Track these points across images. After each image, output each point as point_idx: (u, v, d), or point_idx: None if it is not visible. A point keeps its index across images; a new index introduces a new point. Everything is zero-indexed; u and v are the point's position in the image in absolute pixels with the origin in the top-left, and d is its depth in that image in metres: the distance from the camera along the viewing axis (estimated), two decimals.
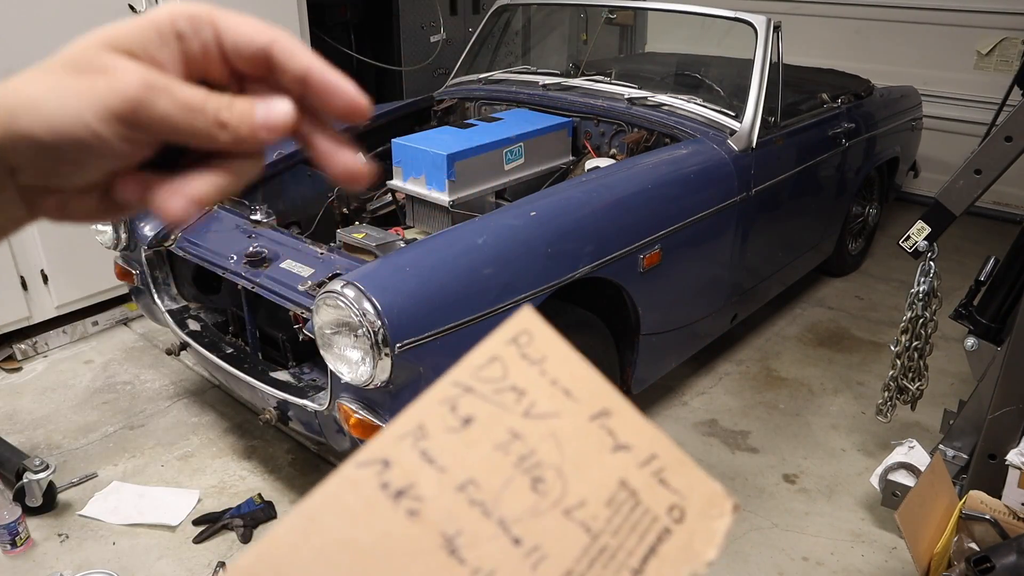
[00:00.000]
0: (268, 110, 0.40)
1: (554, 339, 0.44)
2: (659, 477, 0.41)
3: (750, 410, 2.85)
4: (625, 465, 0.40)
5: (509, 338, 0.43)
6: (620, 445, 0.41)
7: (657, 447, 0.42)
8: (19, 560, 2.17)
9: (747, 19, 2.77)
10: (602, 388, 0.43)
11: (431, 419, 0.38)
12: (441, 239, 1.96)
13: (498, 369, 0.41)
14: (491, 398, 0.40)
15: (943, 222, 2.08)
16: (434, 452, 0.37)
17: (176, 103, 0.37)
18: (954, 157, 4.41)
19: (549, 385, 0.41)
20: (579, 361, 0.43)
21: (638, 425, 0.42)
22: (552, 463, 0.38)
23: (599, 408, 0.42)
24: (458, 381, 0.40)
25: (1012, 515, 1.71)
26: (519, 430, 0.39)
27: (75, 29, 1.99)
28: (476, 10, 4.74)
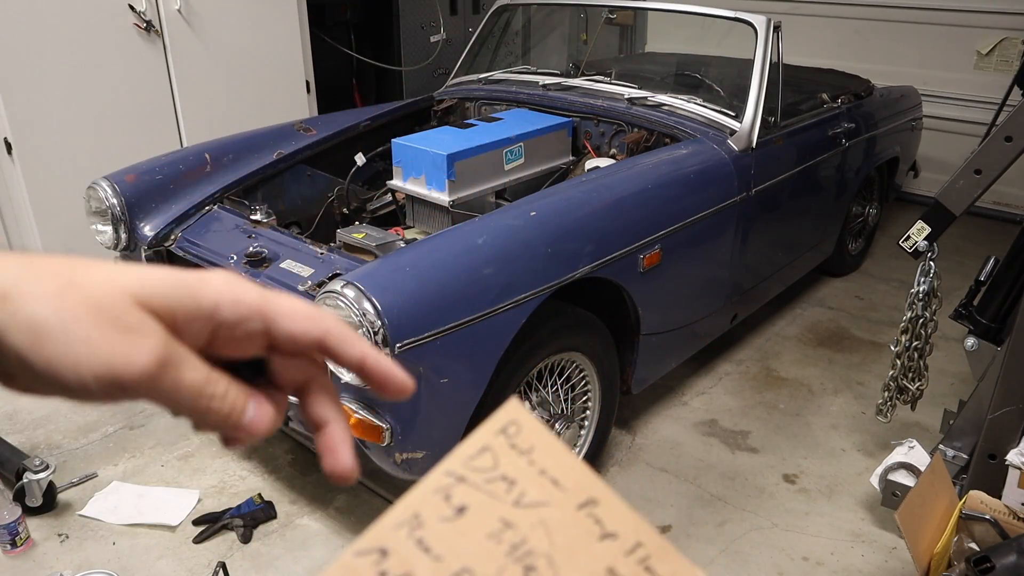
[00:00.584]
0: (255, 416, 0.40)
1: (541, 430, 0.45)
2: (645, 564, 0.41)
3: (750, 410, 2.85)
4: (612, 553, 0.41)
5: (498, 428, 0.44)
6: (607, 533, 0.42)
7: (642, 535, 0.43)
8: (19, 560, 2.17)
9: (747, 19, 2.77)
10: (588, 477, 0.44)
11: (426, 508, 0.39)
12: (441, 239, 1.96)
13: (489, 459, 0.42)
14: (483, 487, 0.41)
15: (943, 222, 2.08)
16: (430, 541, 0.38)
17: (177, 385, 0.36)
18: (954, 157, 4.41)
19: (538, 475, 0.42)
20: (565, 451, 0.45)
21: (623, 513, 0.43)
22: (543, 551, 0.39)
23: (586, 497, 0.43)
24: (451, 471, 0.41)
25: (1012, 515, 1.71)
26: (510, 519, 0.40)
27: (75, 29, 2.00)
28: (476, 10, 4.74)
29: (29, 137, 2.91)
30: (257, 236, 2.33)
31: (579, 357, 2.28)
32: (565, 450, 0.44)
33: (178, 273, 0.38)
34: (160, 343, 0.35)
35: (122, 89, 3.13)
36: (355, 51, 4.39)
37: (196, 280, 0.38)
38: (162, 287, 0.37)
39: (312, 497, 2.41)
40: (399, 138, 2.66)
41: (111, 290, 0.35)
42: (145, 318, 0.36)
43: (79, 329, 0.34)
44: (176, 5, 3.20)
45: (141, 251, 2.45)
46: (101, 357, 0.34)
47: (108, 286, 0.35)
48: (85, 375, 0.34)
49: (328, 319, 0.42)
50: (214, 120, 3.43)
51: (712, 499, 2.41)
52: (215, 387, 0.38)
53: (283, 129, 2.88)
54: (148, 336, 0.35)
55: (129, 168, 2.56)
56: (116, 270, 0.37)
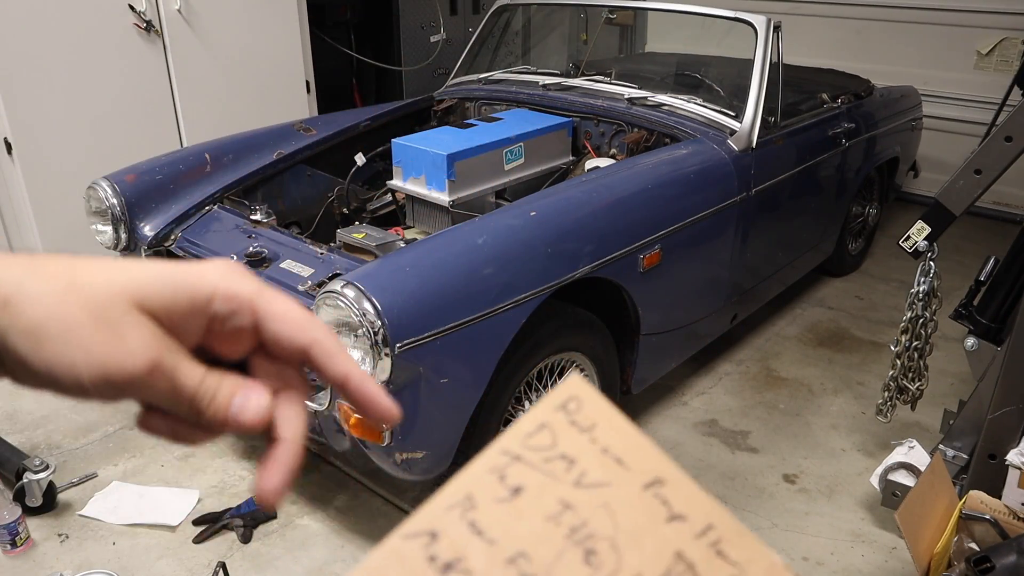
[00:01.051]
0: (241, 406, 0.40)
1: (604, 406, 0.43)
2: (716, 548, 0.39)
3: (750, 410, 2.85)
4: (681, 536, 0.39)
5: (558, 405, 0.42)
6: (675, 515, 0.39)
7: (714, 517, 0.40)
8: (19, 560, 2.17)
9: (747, 19, 2.77)
10: (654, 456, 0.42)
11: (480, 489, 0.37)
12: (441, 239, 1.96)
13: (547, 437, 0.40)
14: (541, 467, 0.39)
15: (943, 222, 2.08)
16: (483, 523, 0.36)
17: (170, 386, 0.37)
18: (954, 157, 4.41)
19: (600, 453, 0.40)
20: (630, 428, 0.42)
21: (693, 494, 0.41)
22: (605, 534, 0.37)
23: (652, 477, 0.40)
24: (507, 449, 0.39)
25: (1012, 515, 1.71)
26: (570, 500, 0.38)
27: (75, 29, 2.00)
28: (476, 10, 4.74)
29: (29, 137, 2.91)
30: (257, 236, 2.33)
31: (579, 357, 2.28)
32: (630, 427, 0.42)
33: (176, 269, 0.38)
34: (152, 347, 0.36)
35: (122, 89, 3.13)
36: (355, 51, 4.39)
37: (195, 275, 0.39)
38: (159, 287, 0.37)
39: (312, 497, 2.41)
40: (399, 138, 2.66)
41: (110, 292, 0.36)
42: (141, 321, 0.36)
43: (77, 333, 0.35)
44: (176, 5, 3.19)
45: (141, 251, 2.45)
46: (96, 360, 0.35)
47: (107, 288, 0.36)
48: (82, 377, 0.35)
49: (319, 329, 0.41)
50: (214, 120, 3.43)
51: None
52: (207, 387, 0.39)
53: (283, 129, 2.88)
54: (142, 339, 0.36)
55: (129, 168, 2.56)
56: (116, 269, 0.37)
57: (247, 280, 0.40)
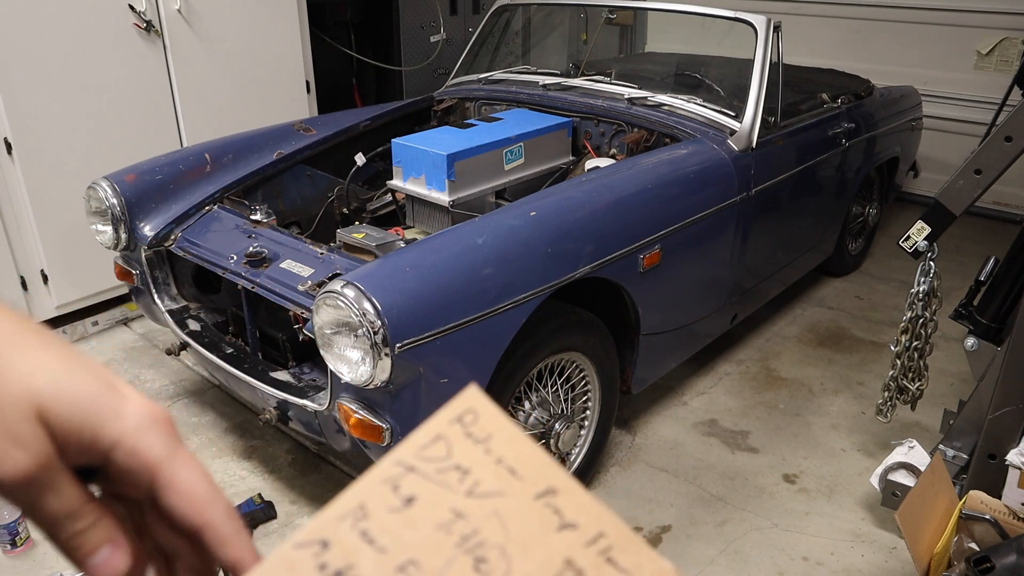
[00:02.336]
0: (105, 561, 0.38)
1: (499, 418, 0.43)
2: (607, 556, 0.40)
3: (750, 410, 2.85)
4: (571, 544, 0.39)
5: (454, 417, 0.43)
6: (566, 524, 0.40)
7: (605, 525, 0.41)
8: (19, 560, 2.17)
9: (747, 19, 2.77)
10: (548, 466, 0.42)
11: (372, 499, 0.38)
12: (441, 239, 1.96)
13: (442, 448, 0.41)
14: (434, 477, 0.39)
15: (943, 222, 2.08)
16: (374, 532, 0.36)
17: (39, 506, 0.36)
18: (954, 157, 4.41)
19: (494, 464, 0.41)
20: (525, 440, 0.43)
21: (585, 503, 0.42)
22: (496, 543, 0.38)
23: (545, 487, 0.41)
24: (401, 460, 0.40)
25: (1012, 515, 1.71)
26: (462, 509, 0.39)
27: (75, 29, 2.00)
28: (476, 10, 4.74)
29: (29, 137, 2.91)
30: (257, 236, 2.33)
31: (579, 357, 2.28)
32: (524, 439, 0.43)
33: (95, 397, 0.37)
34: (33, 462, 0.35)
35: (122, 89, 3.13)
36: (355, 51, 4.39)
37: (110, 410, 0.37)
38: (67, 411, 0.36)
39: (312, 497, 2.41)
40: (399, 138, 2.66)
41: (19, 394, 0.35)
42: (36, 432, 0.36)
43: None
44: (176, 5, 3.19)
45: (141, 251, 2.45)
46: None
47: (18, 388, 0.35)
48: None
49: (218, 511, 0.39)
50: (214, 120, 3.43)
51: (712, 499, 2.41)
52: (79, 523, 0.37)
53: (283, 129, 2.88)
54: (27, 451, 0.35)
55: (129, 168, 2.56)
56: (40, 367, 0.36)
57: (160, 441, 0.38)
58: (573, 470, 2.37)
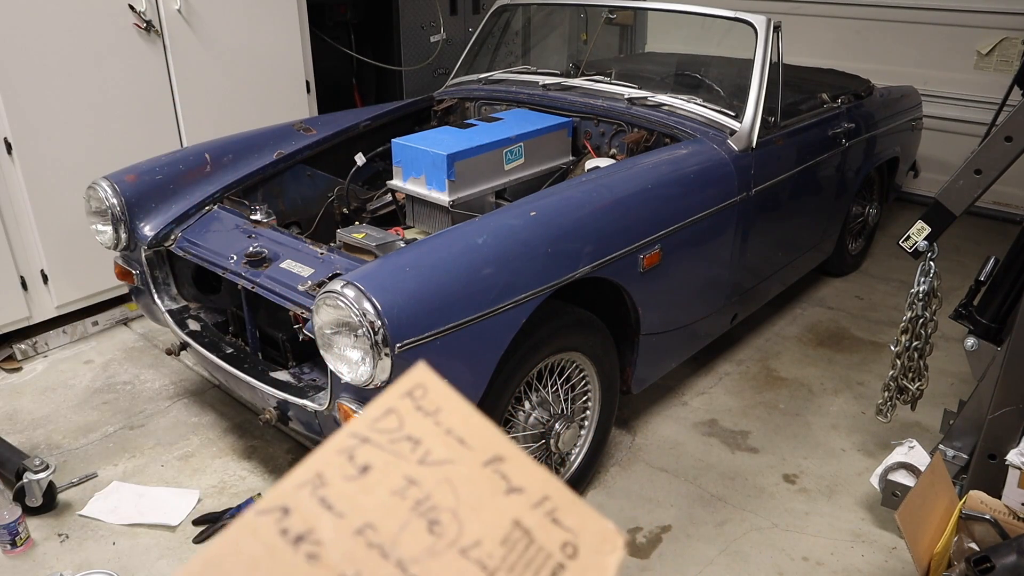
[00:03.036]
0: None
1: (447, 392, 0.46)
2: (552, 517, 0.42)
3: (750, 410, 2.85)
4: (519, 506, 0.42)
5: (404, 392, 0.45)
6: (513, 488, 0.43)
7: (549, 489, 0.44)
8: (19, 560, 2.17)
9: (747, 19, 2.77)
10: (495, 436, 0.45)
11: (329, 468, 0.40)
12: (441, 239, 1.96)
13: (394, 420, 0.43)
14: (387, 447, 0.41)
15: (943, 222, 2.08)
16: (332, 499, 0.38)
17: None
18: (954, 157, 4.41)
19: (443, 434, 0.43)
20: (472, 412, 0.45)
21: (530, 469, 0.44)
22: (448, 506, 0.40)
23: (492, 454, 0.44)
24: (355, 432, 0.42)
25: (1012, 515, 1.71)
26: (415, 476, 0.41)
27: (75, 29, 2.01)
28: (476, 10, 4.74)
29: (29, 137, 2.91)
30: (257, 236, 2.33)
31: (579, 357, 2.28)
32: (472, 411, 0.45)
33: None
34: None
35: (122, 89, 3.13)
36: (355, 51, 4.39)
37: None
38: None
39: None
40: (399, 138, 2.66)
41: None
42: None
43: None
44: (176, 5, 3.20)
45: (141, 251, 2.45)
46: None
47: None
48: None
49: None
50: (214, 120, 3.43)
51: (712, 499, 2.41)
52: None
53: (283, 129, 2.88)
54: None
55: (129, 168, 2.56)
56: None
57: None
58: (573, 470, 2.37)
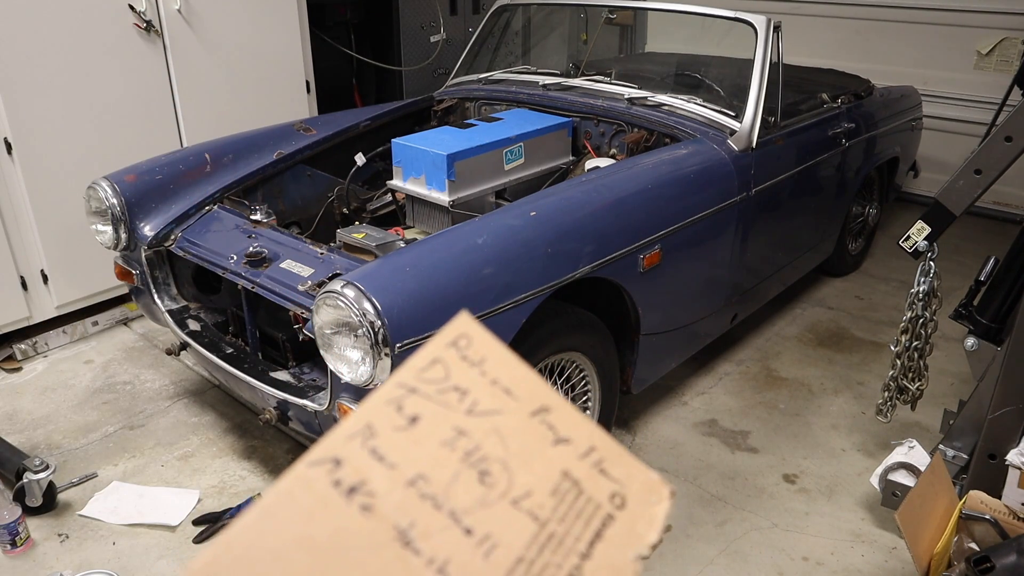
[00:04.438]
0: None
1: (492, 342, 0.45)
2: (600, 467, 0.42)
3: (750, 410, 2.85)
4: (567, 457, 0.42)
5: (449, 341, 0.45)
6: (561, 439, 0.43)
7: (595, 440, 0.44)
8: (19, 560, 2.17)
9: (747, 19, 2.77)
10: (540, 387, 0.45)
11: (379, 419, 0.39)
12: (441, 239, 1.96)
13: (440, 371, 0.43)
14: (435, 398, 0.41)
15: (943, 222, 2.08)
16: (383, 450, 0.38)
17: None
18: (954, 157, 4.41)
19: (490, 385, 0.43)
20: (517, 362, 0.45)
21: (576, 420, 0.44)
22: (497, 457, 0.40)
23: (538, 405, 0.43)
24: (403, 383, 0.42)
25: (1012, 515, 1.71)
26: (464, 427, 0.41)
27: (75, 29, 2.01)
28: (476, 10, 4.74)
29: (29, 137, 2.91)
30: (257, 236, 2.33)
31: (579, 357, 2.28)
32: (516, 361, 0.45)
33: None
34: None
35: (122, 89, 3.13)
36: (355, 51, 4.39)
37: None
38: None
39: None
40: (399, 138, 2.66)
41: None
42: None
43: None
44: (176, 5, 3.19)
45: (141, 251, 2.45)
46: None
47: None
48: None
49: None
50: (214, 120, 3.43)
51: (712, 499, 2.41)
52: None
53: (283, 129, 2.88)
54: None
55: (129, 168, 2.56)
56: None
57: None
58: None
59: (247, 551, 0.33)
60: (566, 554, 0.38)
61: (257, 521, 0.34)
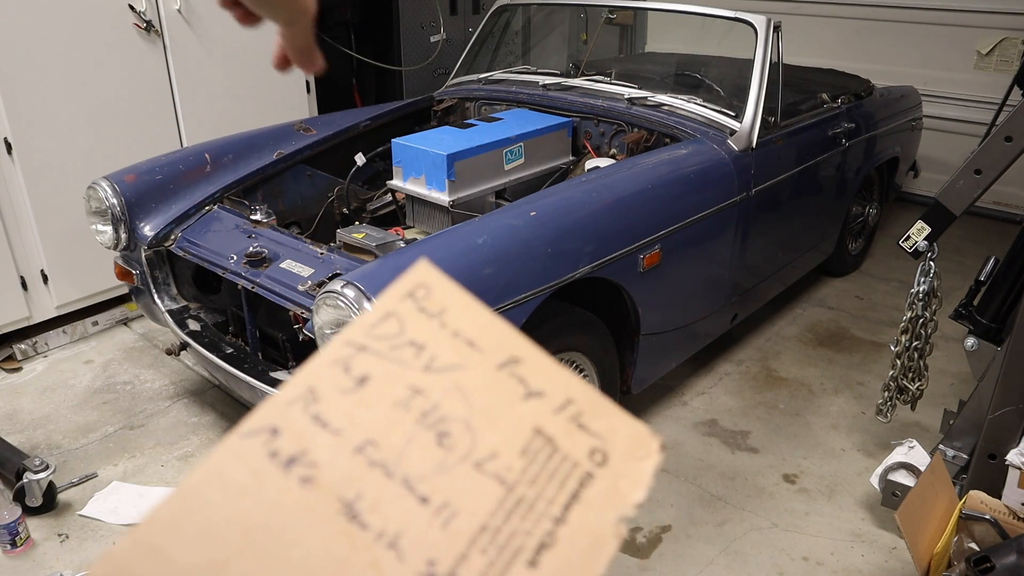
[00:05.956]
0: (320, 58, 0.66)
1: (453, 290, 0.42)
2: (577, 422, 0.38)
3: (750, 410, 2.85)
4: (539, 412, 0.38)
5: (404, 293, 0.41)
6: (532, 392, 0.38)
7: (573, 391, 0.39)
8: (19, 560, 2.17)
9: (747, 19, 2.77)
10: (509, 336, 0.40)
11: (322, 382, 0.36)
12: (441, 239, 1.96)
13: (394, 325, 0.39)
14: (387, 355, 0.37)
15: (943, 222, 2.08)
16: (327, 415, 0.34)
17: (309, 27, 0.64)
18: (954, 157, 4.41)
19: (451, 337, 0.39)
20: (482, 310, 0.41)
21: (551, 371, 0.40)
22: (458, 416, 0.36)
23: (507, 356, 0.39)
24: (351, 340, 0.38)
25: (1012, 515, 1.71)
26: (420, 385, 0.37)
27: (75, 29, 2.01)
28: (476, 10, 4.74)
29: (29, 137, 2.91)
30: (257, 236, 2.33)
31: (579, 357, 2.28)
32: (482, 309, 0.41)
33: None
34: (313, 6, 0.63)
35: (122, 89, 3.13)
36: (355, 51, 4.38)
37: None
38: None
39: None
40: (399, 138, 2.66)
41: None
42: None
43: None
44: (176, 5, 3.19)
45: (141, 251, 2.45)
46: None
47: None
48: None
49: None
50: (214, 120, 3.43)
51: (712, 499, 2.41)
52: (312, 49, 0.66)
53: (283, 129, 2.88)
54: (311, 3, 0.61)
55: (129, 168, 2.56)
56: None
57: None
58: None
59: (170, 533, 0.30)
60: (537, 519, 0.34)
61: (181, 501, 0.31)
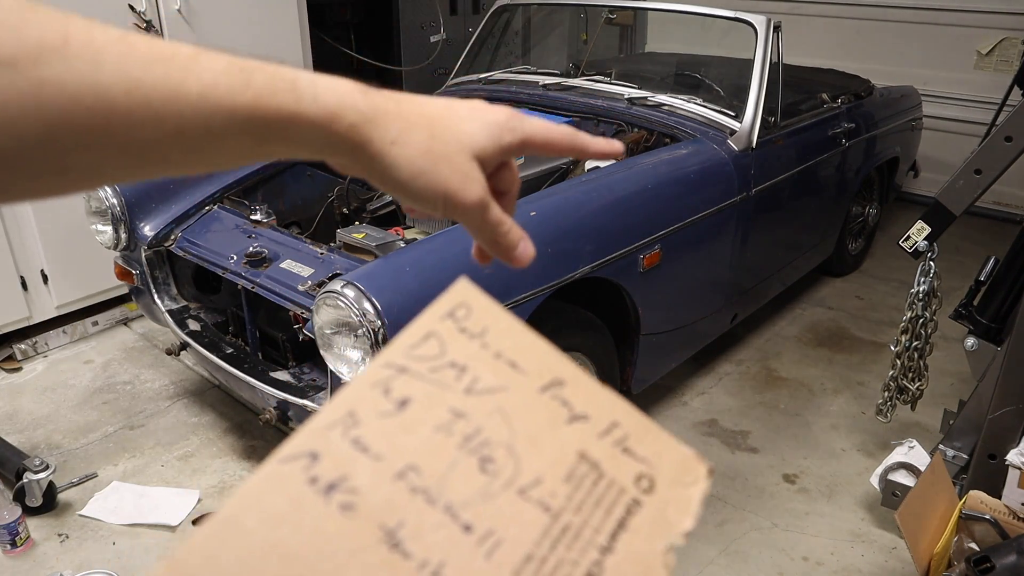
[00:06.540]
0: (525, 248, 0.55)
1: (495, 310, 0.40)
2: (623, 446, 0.38)
3: (750, 410, 2.85)
4: (583, 436, 0.37)
5: (445, 312, 0.39)
6: (576, 416, 0.38)
7: (618, 414, 0.39)
8: (19, 560, 2.17)
9: (747, 19, 2.77)
10: (552, 357, 0.39)
11: (362, 405, 0.34)
12: (441, 239, 1.96)
13: (435, 346, 0.38)
14: (428, 377, 0.36)
15: (943, 222, 2.08)
16: (367, 440, 0.33)
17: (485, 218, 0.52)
18: (954, 157, 4.41)
19: (492, 359, 0.38)
20: (524, 331, 0.40)
21: (595, 393, 0.39)
22: (501, 441, 0.35)
23: (550, 379, 0.38)
24: (390, 362, 0.36)
25: (1012, 515, 1.71)
26: (462, 409, 0.36)
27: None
28: (476, 10, 4.74)
29: None
30: (257, 236, 2.33)
31: (579, 357, 2.28)
32: (524, 329, 0.40)
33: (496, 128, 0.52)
34: (483, 189, 0.51)
35: None
36: (355, 51, 4.38)
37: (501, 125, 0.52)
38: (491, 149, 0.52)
39: None
40: None
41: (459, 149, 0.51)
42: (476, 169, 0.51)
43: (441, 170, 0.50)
44: (176, 5, 3.19)
45: (141, 251, 2.45)
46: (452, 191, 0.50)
47: (456, 145, 0.51)
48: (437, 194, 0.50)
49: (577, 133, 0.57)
50: None
51: (712, 499, 2.41)
52: (505, 223, 0.54)
53: None
54: (479, 183, 0.51)
55: None
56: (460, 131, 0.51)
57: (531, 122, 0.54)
58: None
59: (207, 563, 0.29)
60: (584, 548, 0.33)
61: (219, 529, 0.30)
